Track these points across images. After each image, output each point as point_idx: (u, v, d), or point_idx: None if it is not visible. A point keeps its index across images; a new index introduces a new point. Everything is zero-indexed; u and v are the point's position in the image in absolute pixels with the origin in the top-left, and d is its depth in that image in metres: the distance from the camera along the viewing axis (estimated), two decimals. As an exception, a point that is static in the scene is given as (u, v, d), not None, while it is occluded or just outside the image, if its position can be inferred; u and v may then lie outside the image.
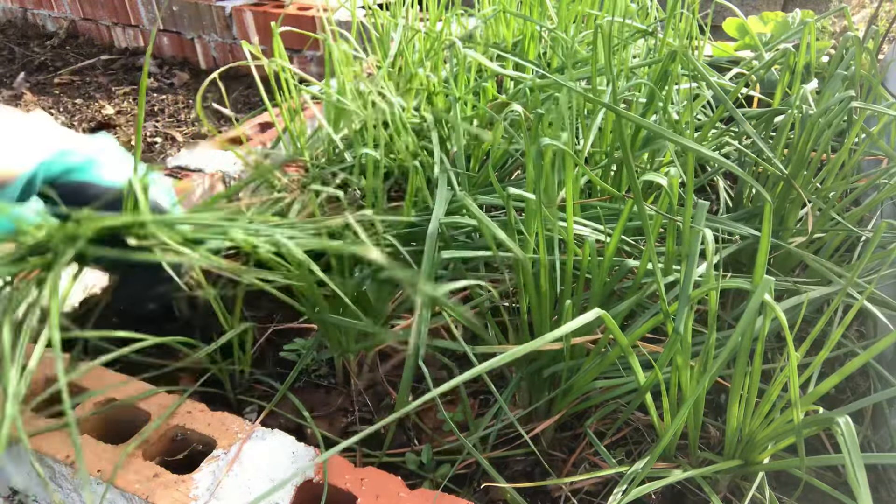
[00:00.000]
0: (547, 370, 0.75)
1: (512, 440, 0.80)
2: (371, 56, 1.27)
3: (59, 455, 0.70)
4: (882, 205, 1.10)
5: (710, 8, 1.45)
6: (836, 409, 0.61)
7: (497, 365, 0.50)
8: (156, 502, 0.64)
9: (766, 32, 1.63)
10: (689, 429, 0.70)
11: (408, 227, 0.89)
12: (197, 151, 1.24)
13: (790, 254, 0.94)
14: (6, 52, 2.59)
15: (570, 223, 0.71)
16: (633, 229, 0.89)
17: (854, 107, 0.90)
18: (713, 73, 1.28)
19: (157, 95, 2.15)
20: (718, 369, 0.61)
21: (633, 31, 1.22)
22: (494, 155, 1.13)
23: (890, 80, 1.40)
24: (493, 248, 0.72)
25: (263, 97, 1.18)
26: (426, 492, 0.65)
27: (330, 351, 0.86)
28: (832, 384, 0.62)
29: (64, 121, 1.96)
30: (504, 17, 1.47)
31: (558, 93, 0.98)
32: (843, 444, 0.54)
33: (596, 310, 0.60)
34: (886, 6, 1.80)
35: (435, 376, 0.89)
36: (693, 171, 0.72)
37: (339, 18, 1.96)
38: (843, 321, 0.64)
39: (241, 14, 2.20)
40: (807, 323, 0.93)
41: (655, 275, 0.64)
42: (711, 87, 1.02)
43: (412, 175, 0.83)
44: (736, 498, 0.73)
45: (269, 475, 0.67)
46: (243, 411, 0.86)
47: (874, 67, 1.21)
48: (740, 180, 1.11)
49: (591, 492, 0.75)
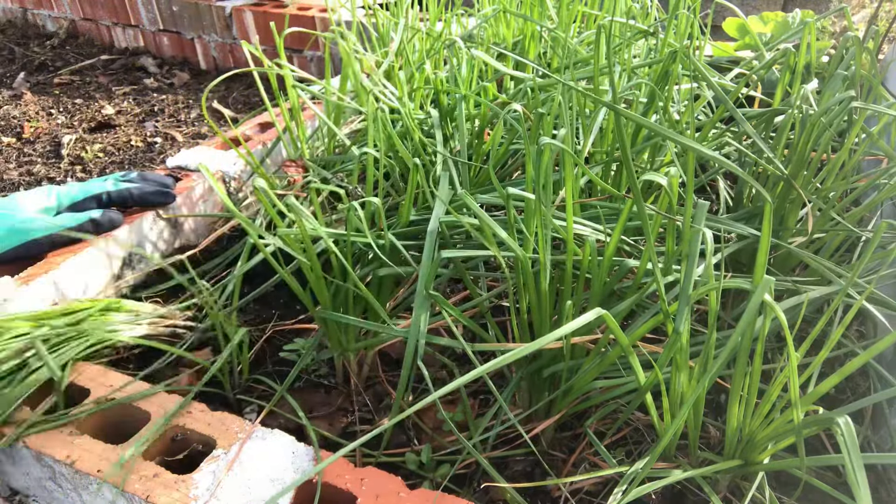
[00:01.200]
0: (547, 370, 0.75)
1: (512, 440, 0.80)
2: (371, 55, 1.27)
3: (58, 455, 0.70)
4: (882, 205, 1.10)
5: (711, 8, 1.45)
6: (836, 409, 0.61)
7: (498, 366, 0.50)
8: (156, 502, 0.64)
9: (766, 32, 1.63)
10: (689, 429, 0.70)
11: (407, 226, 0.89)
12: (197, 151, 1.24)
13: (790, 254, 0.94)
14: (6, 52, 2.59)
15: (569, 223, 0.71)
16: (633, 229, 0.89)
17: (854, 107, 0.90)
18: (714, 74, 1.28)
19: (157, 95, 2.14)
20: (718, 369, 0.61)
21: (634, 31, 1.22)
22: (495, 155, 1.13)
23: (890, 80, 1.40)
24: (494, 247, 0.72)
25: (264, 97, 1.18)
26: (426, 492, 0.65)
27: (330, 350, 0.86)
28: (832, 384, 0.62)
29: (64, 120, 1.96)
30: (504, 17, 1.47)
31: (559, 93, 0.98)
32: (843, 444, 0.54)
33: (597, 309, 0.60)
34: (886, 6, 1.80)
35: (435, 376, 0.89)
36: (693, 170, 0.72)
37: (339, 18, 1.96)
38: (843, 321, 0.64)
39: (241, 14, 2.20)
40: (807, 323, 0.93)
41: (655, 275, 0.64)
42: (712, 87, 1.02)
43: (412, 173, 0.83)
44: (736, 498, 0.73)
45: (269, 475, 0.67)
46: (243, 411, 0.86)
47: (874, 67, 1.21)
48: (740, 180, 1.11)
49: (591, 492, 0.75)
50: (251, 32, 2.21)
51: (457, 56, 1.20)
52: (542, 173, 0.71)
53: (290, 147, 1.26)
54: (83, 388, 0.78)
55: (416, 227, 0.89)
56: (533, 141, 0.92)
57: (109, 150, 1.79)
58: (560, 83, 0.94)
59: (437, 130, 1.06)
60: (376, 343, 0.87)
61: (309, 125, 1.38)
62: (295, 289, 0.80)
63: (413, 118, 1.11)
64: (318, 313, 0.80)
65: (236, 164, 1.21)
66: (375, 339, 0.85)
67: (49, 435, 0.72)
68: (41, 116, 2.00)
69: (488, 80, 1.21)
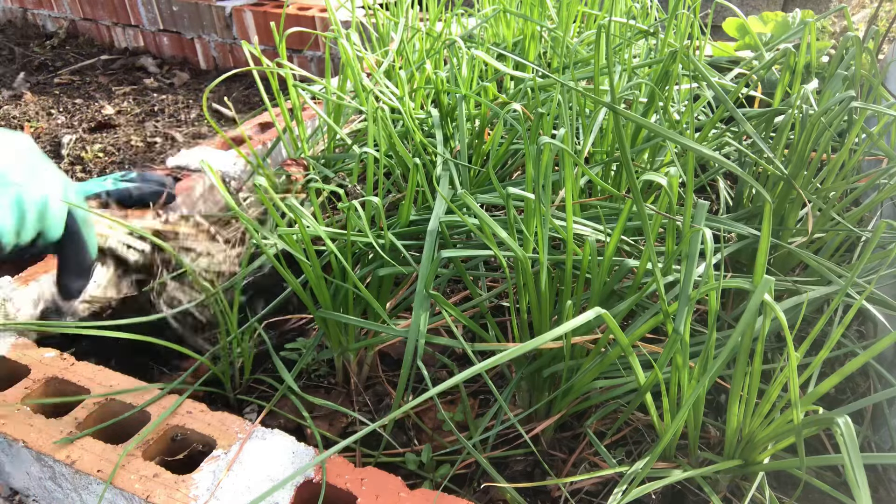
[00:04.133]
0: (547, 370, 0.75)
1: (512, 440, 0.80)
2: (371, 55, 1.27)
3: (58, 455, 0.70)
4: (882, 205, 1.10)
5: (711, 8, 1.45)
6: (836, 409, 0.61)
7: (497, 363, 0.50)
8: (156, 502, 0.64)
9: (766, 32, 1.63)
10: (689, 429, 0.70)
11: (407, 226, 0.89)
12: (197, 151, 1.24)
13: (790, 254, 0.94)
14: (6, 52, 2.59)
15: (569, 223, 0.71)
16: (633, 229, 0.89)
17: (854, 107, 0.90)
18: (714, 74, 1.28)
19: (157, 95, 2.15)
20: (718, 369, 0.61)
21: (634, 31, 1.22)
22: (495, 155, 1.13)
23: (890, 80, 1.40)
24: (494, 246, 0.72)
25: (264, 97, 1.18)
26: (426, 492, 0.65)
27: (330, 350, 0.86)
28: (832, 384, 0.62)
29: (64, 120, 1.96)
30: (504, 17, 1.47)
31: (559, 93, 0.98)
32: (842, 444, 0.54)
33: (596, 308, 0.60)
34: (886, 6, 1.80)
35: (435, 376, 0.89)
36: (693, 170, 0.72)
37: (339, 18, 1.96)
38: (843, 321, 0.64)
39: (240, 14, 2.20)
40: (807, 323, 0.93)
41: (655, 275, 0.64)
42: (712, 87, 1.02)
43: (412, 173, 0.83)
44: (736, 498, 0.73)
45: (269, 475, 0.67)
46: (243, 411, 0.86)
47: (874, 67, 1.21)
48: (740, 180, 1.11)
49: (591, 492, 0.75)
50: (251, 32, 2.21)
51: (457, 56, 1.20)
52: (542, 173, 0.71)
53: (290, 147, 1.26)
54: (83, 388, 0.78)
55: (416, 226, 0.89)
56: (533, 141, 0.92)
57: (109, 150, 1.79)
58: (560, 83, 0.94)
59: (437, 130, 1.06)
60: (376, 343, 0.87)
61: (309, 125, 1.38)
62: (296, 289, 0.80)
63: (413, 118, 1.11)
64: (319, 313, 0.81)
65: (236, 164, 1.21)
66: (375, 338, 0.85)
67: (49, 434, 0.72)
68: (41, 116, 2.00)
69: (488, 80, 1.21)
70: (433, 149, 1.09)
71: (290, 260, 0.93)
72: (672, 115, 1.07)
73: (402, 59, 1.30)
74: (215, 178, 0.80)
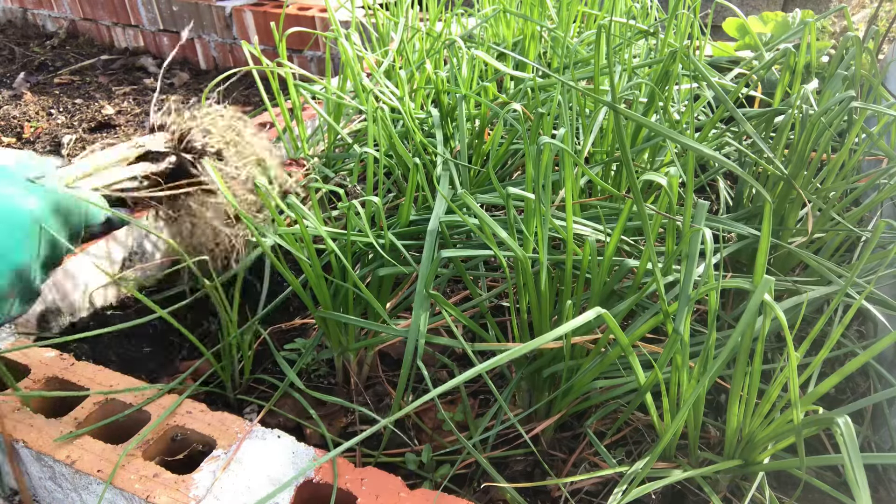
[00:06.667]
0: (547, 370, 0.75)
1: (512, 440, 0.80)
2: (371, 55, 1.27)
3: (58, 455, 0.70)
4: (882, 205, 1.10)
5: (711, 8, 1.45)
6: (836, 409, 0.61)
7: (497, 364, 0.50)
8: (156, 502, 0.64)
9: (766, 32, 1.63)
10: (689, 429, 0.70)
11: (407, 226, 0.89)
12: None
13: (790, 254, 0.94)
14: (6, 52, 2.59)
15: (569, 223, 0.71)
16: (633, 229, 0.89)
17: (854, 107, 0.90)
18: (714, 74, 1.28)
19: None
20: (718, 369, 0.61)
21: (634, 31, 1.22)
22: (495, 155, 1.13)
23: (890, 80, 1.40)
24: (494, 246, 0.72)
25: (264, 97, 1.18)
26: (426, 492, 0.65)
27: (330, 350, 0.86)
28: (832, 384, 0.62)
29: (64, 120, 1.96)
30: (504, 17, 1.47)
31: (559, 93, 0.98)
32: (842, 444, 0.54)
33: (596, 308, 0.60)
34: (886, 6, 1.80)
35: (435, 376, 0.89)
36: (693, 170, 0.72)
37: (339, 18, 1.96)
38: (843, 321, 0.64)
39: (241, 14, 2.20)
40: (807, 323, 0.93)
41: (655, 275, 0.64)
42: (712, 87, 1.02)
43: (412, 173, 0.83)
44: (736, 498, 0.73)
45: (269, 475, 0.67)
46: (243, 411, 0.86)
47: (874, 67, 1.21)
48: (740, 180, 1.11)
49: (591, 492, 0.75)
50: (251, 32, 2.21)
51: (457, 56, 1.20)
52: (542, 173, 0.71)
53: (290, 146, 1.26)
54: (82, 388, 0.78)
55: (416, 226, 0.89)
56: (533, 141, 0.92)
57: (109, 150, 1.78)
58: (560, 83, 0.94)
59: (437, 130, 1.06)
60: (376, 343, 0.87)
61: (309, 125, 1.38)
62: (296, 288, 0.80)
63: (413, 118, 1.11)
64: (319, 313, 0.80)
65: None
66: (375, 338, 0.85)
67: (48, 434, 0.72)
68: (41, 116, 2.00)
69: (488, 80, 1.21)
70: (433, 149, 1.09)
71: (290, 260, 0.93)
72: (672, 114, 1.07)
73: (402, 59, 1.30)
74: (216, 178, 0.80)
